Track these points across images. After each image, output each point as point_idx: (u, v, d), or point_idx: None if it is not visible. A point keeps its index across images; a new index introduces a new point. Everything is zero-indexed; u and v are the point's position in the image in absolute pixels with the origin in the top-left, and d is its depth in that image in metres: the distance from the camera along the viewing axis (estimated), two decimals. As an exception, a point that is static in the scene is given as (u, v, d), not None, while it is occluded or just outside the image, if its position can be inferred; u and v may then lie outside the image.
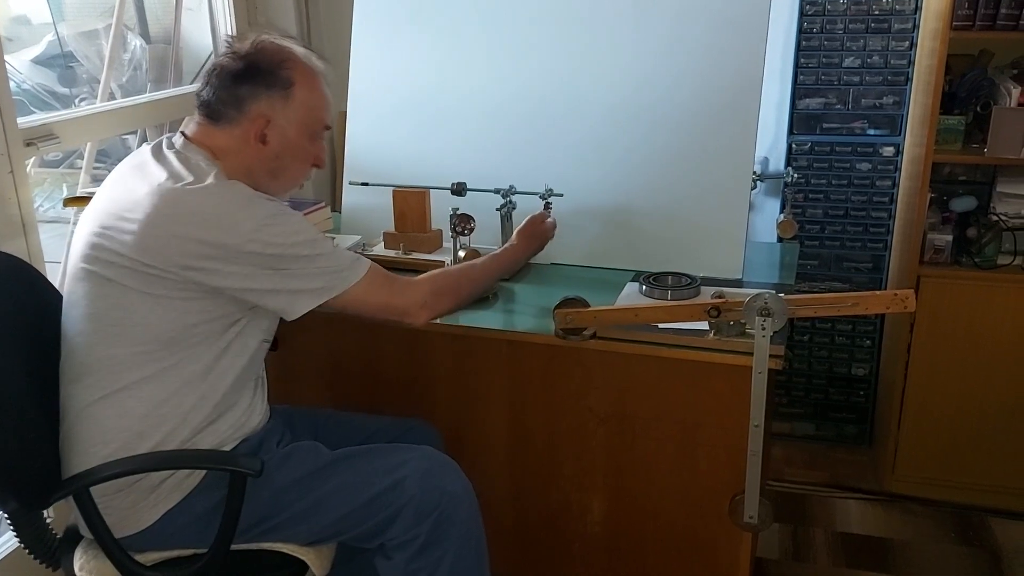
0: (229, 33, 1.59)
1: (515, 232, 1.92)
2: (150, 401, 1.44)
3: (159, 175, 1.44)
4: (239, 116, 1.50)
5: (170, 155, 1.48)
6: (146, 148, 1.54)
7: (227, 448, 1.51)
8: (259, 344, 1.55)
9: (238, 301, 1.46)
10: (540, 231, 1.95)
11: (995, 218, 2.42)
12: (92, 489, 1.41)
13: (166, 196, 1.41)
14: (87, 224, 1.49)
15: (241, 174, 1.49)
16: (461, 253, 1.96)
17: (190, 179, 1.43)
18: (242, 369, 1.51)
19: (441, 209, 2.09)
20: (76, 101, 2.69)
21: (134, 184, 1.46)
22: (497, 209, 2.03)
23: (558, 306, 1.69)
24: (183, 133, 1.54)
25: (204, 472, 1.47)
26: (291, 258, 1.44)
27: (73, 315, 1.47)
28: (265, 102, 1.50)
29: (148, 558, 1.47)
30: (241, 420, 1.53)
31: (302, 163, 1.59)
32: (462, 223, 1.95)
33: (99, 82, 2.47)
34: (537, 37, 2.14)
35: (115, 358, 1.43)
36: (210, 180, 1.43)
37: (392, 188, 2.10)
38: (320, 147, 1.61)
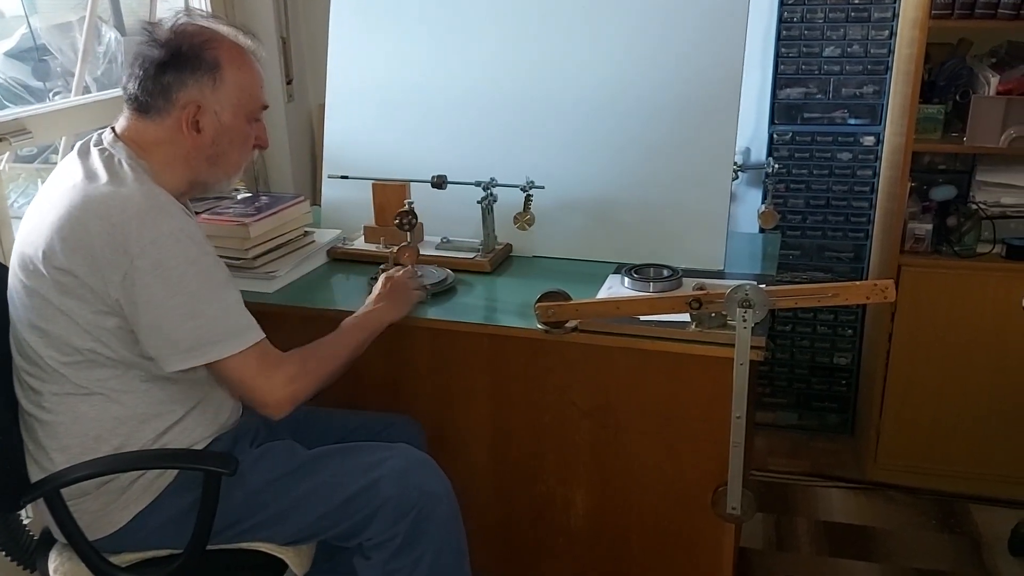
0: (146, 20, 1.52)
1: (374, 294, 1.73)
2: (100, 406, 1.41)
3: (76, 176, 1.40)
4: (168, 106, 1.43)
5: (94, 153, 1.43)
6: (76, 146, 1.48)
7: (199, 447, 1.49)
8: None
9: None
10: (399, 287, 1.75)
11: (975, 207, 2.44)
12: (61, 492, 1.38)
13: (75, 198, 1.36)
14: (22, 230, 1.44)
15: (179, 165, 1.46)
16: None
17: (104, 179, 1.37)
18: (193, 375, 1.46)
19: (422, 202, 2.07)
20: (50, 95, 2.65)
21: (55, 186, 1.42)
22: (478, 202, 2.02)
23: (540, 300, 1.68)
24: (113, 128, 1.48)
25: (175, 472, 1.45)
26: (177, 286, 1.33)
27: (15, 320, 1.44)
28: (193, 88, 1.43)
29: (123, 559, 1.45)
30: (209, 417, 1.50)
31: (242, 146, 1.52)
32: (405, 218, 1.90)
33: (73, 75, 2.43)
34: (517, 29, 2.13)
35: (54, 366, 1.39)
36: (125, 181, 1.37)
37: (372, 181, 2.09)
38: (260, 127, 1.55)
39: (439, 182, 2.02)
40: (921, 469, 2.61)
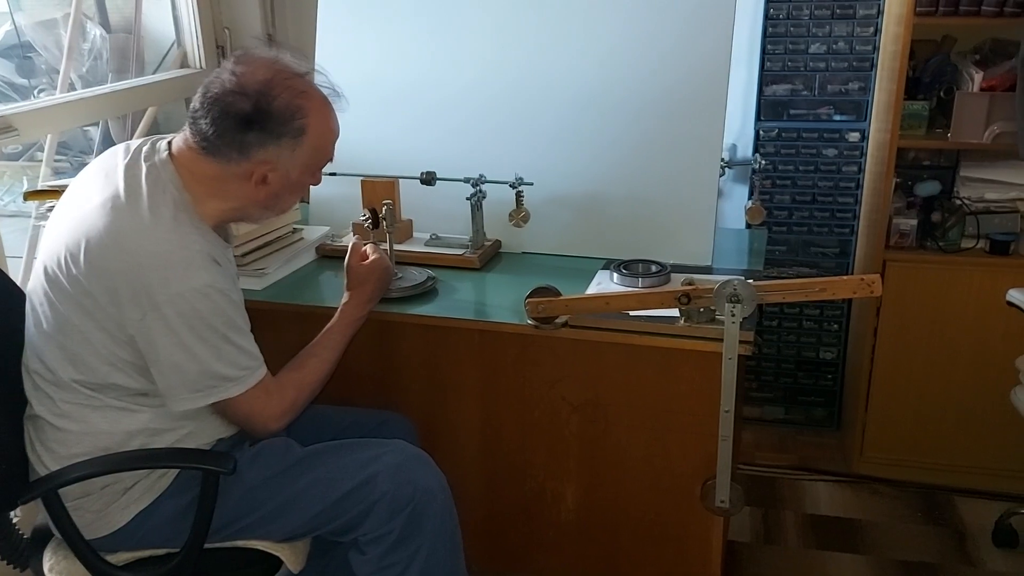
0: (236, 52, 1.42)
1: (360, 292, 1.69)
2: (112, 418, 1.41)
3: (117, 192, 1.36)
4: (241, 159, 1.38)
5: (143, 169, 1.39)
6: (121, 151, 1.44)
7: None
8: None
9: None
10: (363, 273, 1.70)
11: (959, 202, 2.46)
12: (60, 493, 1.38)
13: (110, 222, 1.33)
14: (53, 234, 1.41)
15: (230, 200, 1.42)
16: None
17: (144, 208, 1.34)
18: None
19: (411, 199, 2.08)
20: (35, 92, 2.64)
21: (94, 196, 1.38)
22: (467, 199, 2.02)
23: (530, 295, 1.69)
24: (169, 145, 1.43)
25: (176, 473, 1.45)
26: (202, 335, 1.34)
27: (32, 324, 1.43)
28: (272, 151, 1.38)
29: (119, 558, 1.45)
30: (216, 421, 1.49)
31: (298, 195, 1.53)
32: (369, 218, 1.90)
33: (58, 73, 2.42)
34: (505, 25, 2.13)
35: (68, 379, 1.39)
36: (164, 218, 1.34)
37: (360, 178, 2.08)
38: (319, 174, 1.51)
39: (428, 179, 2.02)
40: (906, 462, 2.64)
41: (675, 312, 1.65)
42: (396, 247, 1.95)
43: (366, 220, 1.92)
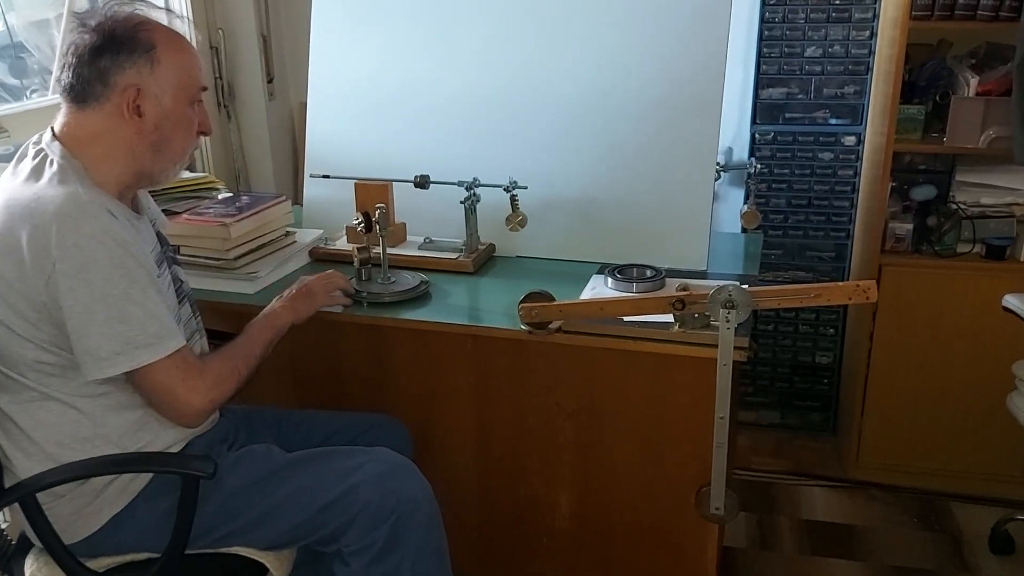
0: (74, 10, 1.45)
1: (285, 294, 1.70)
2: (58, 411, 1.39)
3: (7, 179, 1.39)
4: (107, 91, 1.38)
5: (30, 154, 1.41)
6: (22, 148, 1.46)
7: (173, 450, 1.47)
8: None
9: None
10: (305, 292, 1.71)
11: (954, 207, 2.45)
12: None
13: (4, 205, 1.35)
14: None
15: (122, 156, 1.41)
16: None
17: (31, 181, 1.36)
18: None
19: (405, 202, 2.07)
20: (27, 93, 2.62)
21: None
22: (461, 202, 2.01)
23: (523, 300, 1.68)
24: (52, 128, 1.44)
25: (150, 475, 1.43)
26: (101, 290, 1.31)
27: None
28: (131, 71, 1.38)
29: (100, 564, 1.43)
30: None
31: (185, 131, 1.47)
32: (363, 221, 1.90)
33: (51, 73, 2.40)
34: (500, 29, 2.12)
35: (7, 373, 1.38)
36: (51, 182, 1.34)
37: (354, 181, 2.07)
38: (202, 112, 1.50)
39: (422, 182, 2.01)
40: (902, 467, 2.63)
41: (670, 318, 1.63)
42: (389, 251, 1.93)
43: (359, 223, 1.91)
